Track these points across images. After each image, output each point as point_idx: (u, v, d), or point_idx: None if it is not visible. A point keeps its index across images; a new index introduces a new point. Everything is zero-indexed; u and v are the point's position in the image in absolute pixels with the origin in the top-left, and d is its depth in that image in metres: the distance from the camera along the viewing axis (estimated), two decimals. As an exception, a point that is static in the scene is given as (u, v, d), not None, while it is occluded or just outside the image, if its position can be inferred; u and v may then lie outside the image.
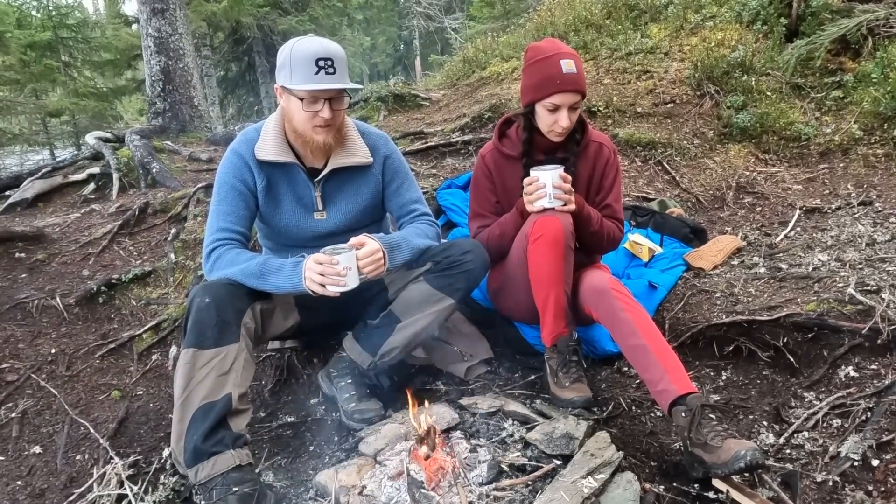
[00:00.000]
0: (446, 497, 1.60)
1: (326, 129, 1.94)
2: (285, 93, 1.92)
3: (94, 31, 12.00)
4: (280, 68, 1.90)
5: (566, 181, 2.03)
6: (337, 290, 1.80)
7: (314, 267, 1.80)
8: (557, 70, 2.02)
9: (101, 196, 4.08)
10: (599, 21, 6.08)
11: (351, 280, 1.81)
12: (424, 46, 23.44)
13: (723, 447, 1.62)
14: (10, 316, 2.73)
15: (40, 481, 2.08)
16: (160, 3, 5.20)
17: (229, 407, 1.75)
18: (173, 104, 5.31)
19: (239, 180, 2.00)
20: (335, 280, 1.79)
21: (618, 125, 4.33)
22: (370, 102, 5.40)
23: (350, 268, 1.81)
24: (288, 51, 1.88)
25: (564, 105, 2.05)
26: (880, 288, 2.21)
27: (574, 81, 2.03)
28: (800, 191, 3.78)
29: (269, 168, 2.02)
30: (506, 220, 2.23)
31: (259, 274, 1.86)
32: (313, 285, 1.80)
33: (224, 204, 1.99)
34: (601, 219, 2.19)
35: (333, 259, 1.79)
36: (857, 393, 1.92)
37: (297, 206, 2.08)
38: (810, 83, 4.59)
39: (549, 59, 2.04)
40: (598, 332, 2.39)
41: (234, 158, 2.02)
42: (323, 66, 1.84)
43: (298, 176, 2.05)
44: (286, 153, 2.01)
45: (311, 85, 1.84)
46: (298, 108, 1.90)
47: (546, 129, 2.15)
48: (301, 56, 1.84)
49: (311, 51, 1.84)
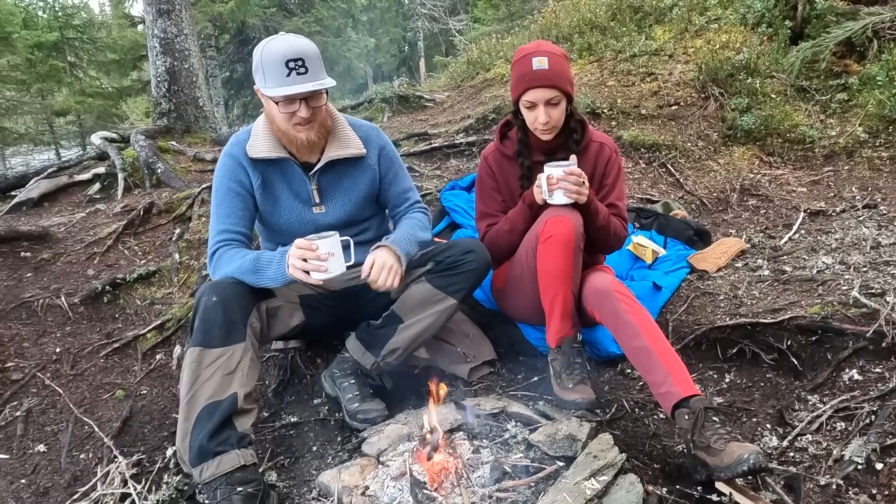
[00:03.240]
0: (449, 498, 1.60)
1: (307, 127, 1.94)
2: (263, 94, 1.91)
3: (99, 31, 12.07)
4: (254, 71, 1.90)
5: (572, 175, 2.02)
6: (320, 277, 1.77)
7: (295, 252, 1.78)
8: (528, 68, 2.08)
9: (106, 196, 4.10)
10: (604, 23, 6.08)
11: (333, 267, 1.77)
12: (429, 48, 23.45)
13: (726, 450, 1.62)
14: (16, 315, 2.74)
15: (45, 480, 2.09)
16: (166, 3, 5.21)
17: (235, 406, 1.76)
18: (178, 105, 5.32)
19: (235, 181, 2.01)
20: (316, 266, 1.76)
21: (622, 127, 4.33)
22: (374, 104, 5.41)
23: (332, 253, 1.77)
24: (259, 54, 1.87)
25: (539, 101, 2.09)
26: (885, 291, 2.20)
27: (543, 77, 2.06)
28: (804, 193, 3.77)
29: (262, 165, 2.03)
30: (513, 214, 2.24)
31: (254, 269, 1.87)
32: (296, 272, 1.78)
33: (223, 207, 2.01)
34: (608, 214, 2.19)
35: (313, 244, 1.76)
36: (861, 396, 1.91)
37: (294, 201, 2.08)
38: (815, 86, 4.58)
39: (524, 59, 2.11)
40: (601, 333, 2.39)
41: (228, 160, 2.03)
42: (294, 66, 1.82)
43: (293, 171, 2.06)
44: (278, 149, 2.01)
45: (283, 89, 1.82)
46: (276, 109, 1.90)
47: (531, 128, 2.19)
48: (271, 59, 1.83)
49: (281, 53, 1.82)
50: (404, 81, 6.85)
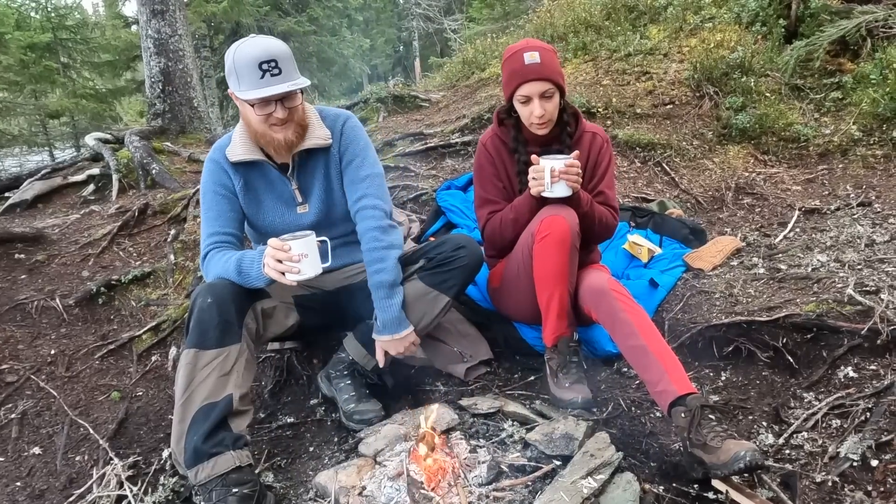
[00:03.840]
0: (446, 498, 1.60)
1: (284, 127, 1.91)
2: (238, 98, 1.89)
3: (93, 32, 12.02)
4: (228, 75, 1.88)
5: (573, 167, 2.03)
6: (294, 279, 1.75)
7: (270, 252, 1.76)
8: (520, 64, 2.10)
9: (100, 197, 4.08)
10: (599, 22, 6.09)
11: (307, 268, 1.74)
12: (424, 48, 23.44)
13: (722, 448, 1.62)
14: (10, 317, 2.73)
15: (40, 482, 2.08)
16: (160, 4, 5.20)
17: (230, 408, 1.75)
18: (173, 105, 5.31)
19: (219, 185, 2.01)
20: (288, 267, 1.74)
21: (617, 126, 4.34)
22: (370, 104, 5.40)
23: (306, 255, 1.74)
24: (231, 57, 1.84)
25: (533, 94, 2.10)
26: (879, 288, 2.21)
27: (536, 70, 2.08)
28: (799, 192, 3.78)
29: (243, 168, 2.02)
30: (519, 204, 2.21)
31: (238, 271, 1.86)
32: (271, 272, 1.76)
33: (211, 210, 2.01)
34: (591, 200, 2.18)
35: (285, 245, 1.74)
36: (857, 393, 1.92)
37: (277, 203, 2.07)
38: (809, 84, 4.60)
39: (514, 56, 2.13)
40: (597, 332, 2.39)
41: (211, 165, 2.03)
42: (267, 69, 1.80)
43: (271, 173, 2.05)
44: (254, 152, 2.00)
45: (258, 91, 1.80)
46: (252, 111, 1.88)
47: (527, 123, 2.19)
48: (243, 62, 1.81)
49: (253, 56, 1.80)
50: (399, 81, 6.85)
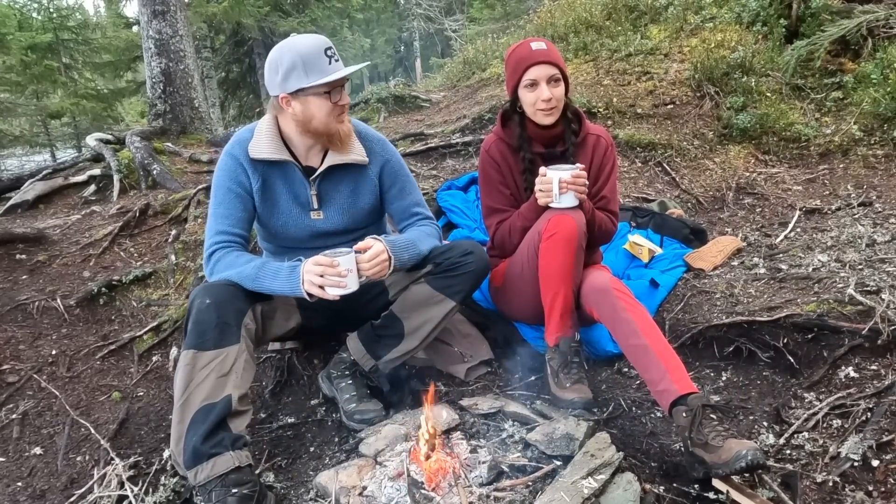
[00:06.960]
0: (447, 498, 1.60)
1: (343, 115, 1.98)
2: (297, 97, 1.89)
3: (94, 32, 12.02)
4: (287, 74, 1.86)
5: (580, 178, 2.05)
6: (337, 293, 1.80)
7: (313, 269, 1.79)
8: (528, 50, 2.16)
9: (101, 197, 4.08)
10: (599, 22, 6.08)
11: (351, 282, 1.81)
12: (425, 48, 23.46)
13: (723, 447, 1.62)
14: (11, 317, 2.73)
15: (41, 482, 2.08)
16: (161, 4, 5.20)
17: (229, 408, 1.75)
18: (174, 106, 5.31)
19: (235, 182, 2.00)
20: (335, 282, 1.78)
21: (618, 126, 4.33)
22: (370, 104, 5.41)
23: (351, 270, 1.80)
24: (289, 55, 1.85)
25: (541, 78, 2.12)
26: (880, 288, 2.21)
27: (544, 54, 2.13)
28: (800, 192, 3.78)
29: (263, 167, 2.02)
30: (527, 210, 2.21)
31: (255, 277, 1.86)
32: (312, 288, 1.80)
33: (221, 207, 1.99)
34: (592, 209, 2.19)
35: (334, 261, 1.79)
36: (857, 393, 1.92)
37: (293, 204, 2.07)
38: (810, 84, 4.59)
39: (521, 46, 2.20)
40: (598, 332, 2.39)
41: (229, 160, 2.01)
42: (331, 54, 1.88)
43: (294, 174, 2.05)
44: (281, 151, 2.00)
45: (332, 75, 1.86)
46: (320, 104, 1.89)
47: (532, 112, 2.18)
48: (309, 53, 1.85)
49: (316, 44, 1.87)
50: (400, 81, 6.86)
